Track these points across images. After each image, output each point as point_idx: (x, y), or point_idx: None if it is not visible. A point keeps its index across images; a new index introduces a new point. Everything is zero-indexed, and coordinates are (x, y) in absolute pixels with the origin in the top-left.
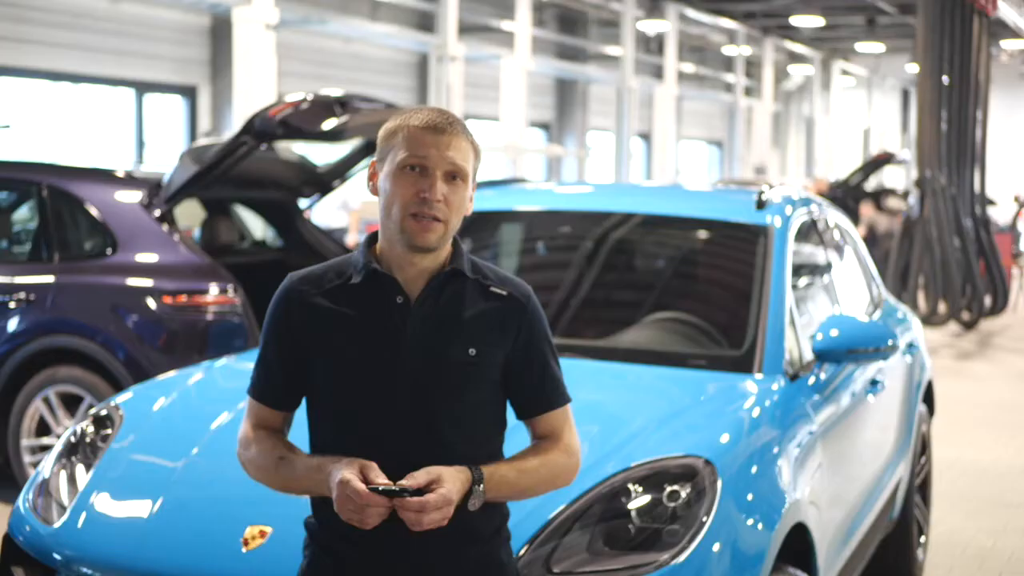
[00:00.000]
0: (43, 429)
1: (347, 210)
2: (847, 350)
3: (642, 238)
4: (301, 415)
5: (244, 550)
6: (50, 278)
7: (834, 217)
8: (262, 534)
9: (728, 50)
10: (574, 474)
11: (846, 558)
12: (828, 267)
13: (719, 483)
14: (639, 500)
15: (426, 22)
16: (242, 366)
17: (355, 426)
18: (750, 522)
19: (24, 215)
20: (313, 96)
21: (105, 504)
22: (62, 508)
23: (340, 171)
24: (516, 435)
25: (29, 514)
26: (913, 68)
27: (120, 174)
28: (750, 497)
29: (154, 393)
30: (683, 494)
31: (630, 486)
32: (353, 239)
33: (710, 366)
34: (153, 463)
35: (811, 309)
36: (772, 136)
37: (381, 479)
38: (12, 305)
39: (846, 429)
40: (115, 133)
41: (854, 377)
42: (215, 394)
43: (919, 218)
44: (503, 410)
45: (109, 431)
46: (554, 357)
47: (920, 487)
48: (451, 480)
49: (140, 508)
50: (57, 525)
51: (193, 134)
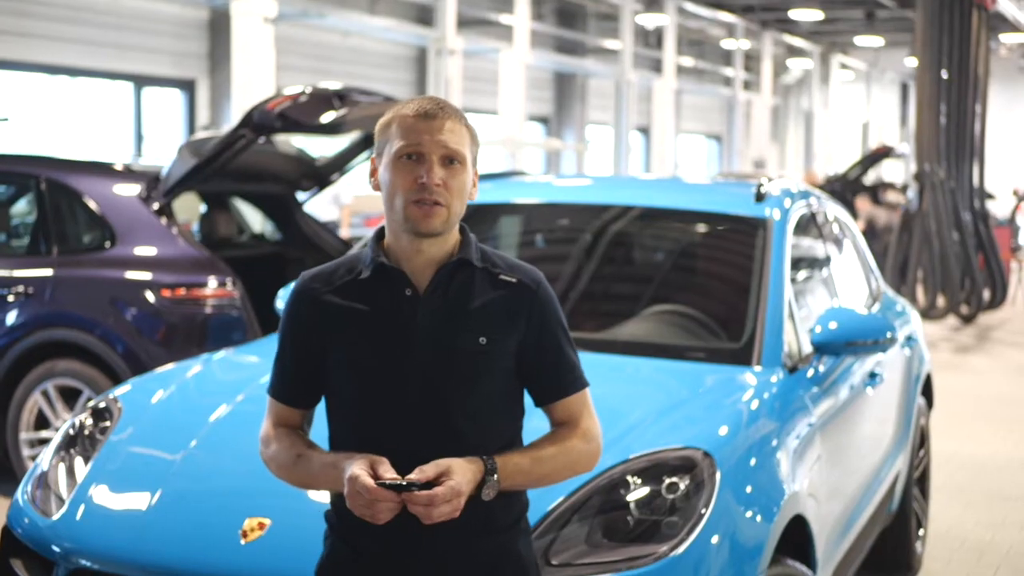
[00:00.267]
0: (42, 422)
1: (338, 204)
2: (846, 343)
3: (641, 231)
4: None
5: (243, 542)
6: (48, 271)
7: (833, 210)
8: (261, 526)
9: (727, 44)
10: (595, 460)
11: (845, 550)
12: (827, 260)
13: (718, 475)
14: (638, 492)
15: (425, 16)
16: (241, 359)
17: (369, 420)
18: (749, 514)
19: (22, 208)
20: (311, 89)
21: (104, 496)
22: (61, 500)
23: (338, 164)
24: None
25: (28, 506)
26: (912, 62)
27: (118, 167)
28: (749, 489)
29: (153, 386)
30: (682, 486)
31: (629, 478)
32: (345, 234)
33: (709, 359)
34: (152, 455)
35: (810, 302)
36: (771, 130)
37: (390, 474)
38: (11, 298)
39: (845, 422)
40: (114, 127)
41: (853, 370)
42: (214, 387)
43: (918, 212)
44: (519, 399)
45: (108, 424)
46: (569, 342)
47: (919, 480)
48: (461, 472)
49: (139, 500)
50: (56, 517)
51: (192, 128)
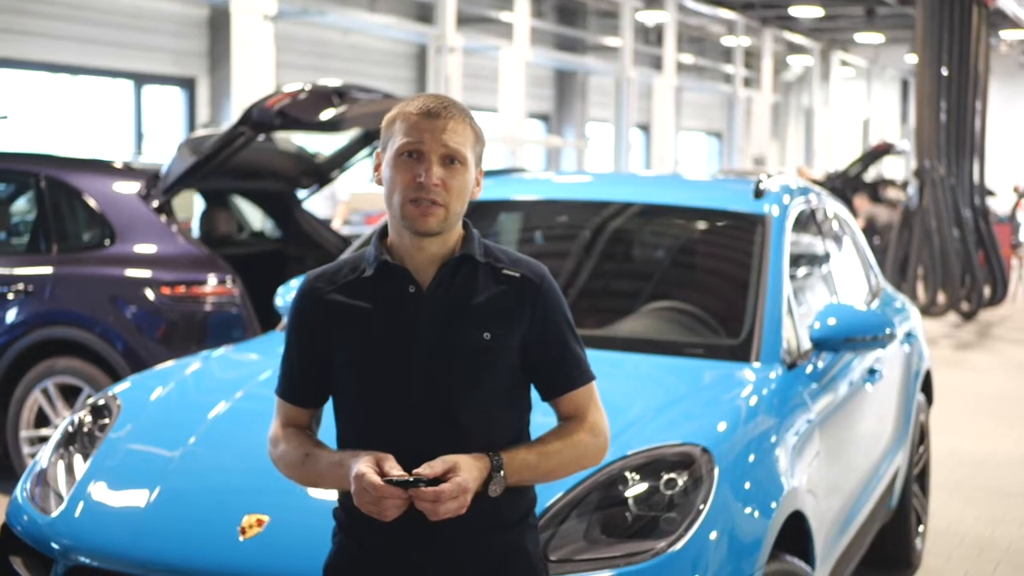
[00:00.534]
0: (42, 420)
1: (334, 201)
2: (845, 338)
3: (640, 227)
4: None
5: (241, 539)
6: (48, 269)
7: (832, 206)
8: (259, 523)
9: (727, 41)
10: (602, 454)
11: (844, 547)
12: (826, 256)
13: (716, 471)
14: (636, 488)
15: (425, 13)
16: (240, 356)
17: (375, 418)
18: (747, 510)
19: (22, 206)
20: (311, 87)
21: (102, 494)
22: (60, 498)
23: (338, 162)
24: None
25: (27, 504)
26: (912, 59)
27: (118, 165)
28: (747, 485)
29: (152, 383)
30: (680, 482)
31: (627, 474)
32: (337, 228)
33: (708, 355)
34: (150, 452)
35: (809, 298)
36: (771, 127)
37: (396, 470)
38: (10, 296)
39: (844, 418)
40: (114, 125)
41: (852, 366)
42: (213, 384)
43: (918, 208)
44: (525, 394)
45: (107, 421)
46: (574, 336)
47: (918, 476)
48: (467, 468)
49: (137, 497)
50: (55, 515)
51: (192, 125)
